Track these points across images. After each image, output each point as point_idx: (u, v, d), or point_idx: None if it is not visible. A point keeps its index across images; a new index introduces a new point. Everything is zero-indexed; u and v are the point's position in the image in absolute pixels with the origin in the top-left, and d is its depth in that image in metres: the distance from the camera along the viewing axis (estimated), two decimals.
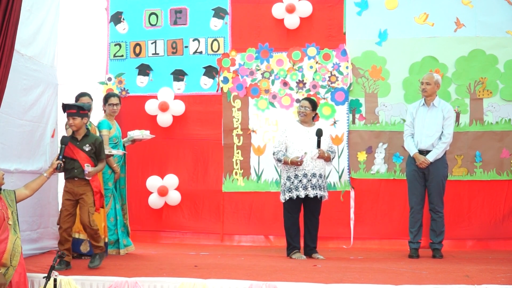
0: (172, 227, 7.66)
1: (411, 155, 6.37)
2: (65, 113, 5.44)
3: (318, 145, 6.08)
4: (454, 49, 7.19)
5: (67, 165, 5.32)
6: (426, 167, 6.27)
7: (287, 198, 6.13)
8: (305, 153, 6.04)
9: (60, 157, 5.11)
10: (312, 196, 6.07)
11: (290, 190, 6.10)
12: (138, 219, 7.58)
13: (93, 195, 5.38)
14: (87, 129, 5.50)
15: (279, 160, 6.16)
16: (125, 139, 6.68)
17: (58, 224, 5.49)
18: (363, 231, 7.27)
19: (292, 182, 6.09)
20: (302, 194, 6.05)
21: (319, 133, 6.08)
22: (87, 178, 5.34)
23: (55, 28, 6.71)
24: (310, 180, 6.08)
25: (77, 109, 5.39)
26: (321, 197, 6.16)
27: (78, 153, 5.36)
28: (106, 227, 6.17)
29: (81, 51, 8.11)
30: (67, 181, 5.41)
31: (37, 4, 6.18)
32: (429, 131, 6.33)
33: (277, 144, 6.24)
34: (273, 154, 6.23)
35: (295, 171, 6.10)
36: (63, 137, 5.32)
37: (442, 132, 6.32)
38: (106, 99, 6.51)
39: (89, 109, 5.53)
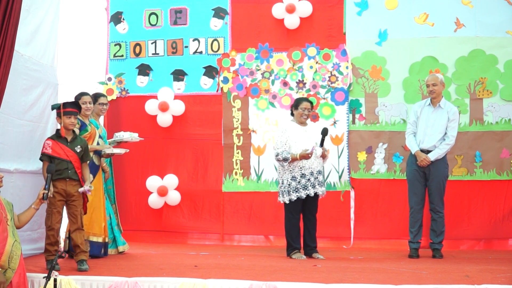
0: (172, 227, 7.65)
1: (413, 152, 6.36)
2: (59, 111, 5.31)
3: (322, 144, 6.10)
4: (454, 49, 7.20)
5: (58, 166, 5.25)
6: (427, 166, 6.27)
7: (294, 199, 6.08)
8: (316, 143, 6.06)
9: (47, 186, 4.92)
10: (320, 193, 6.10)
11: (297, 190, 6.06)
12: (138, 219, 7.58)
13: (82, 197, 5.36)
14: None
15: (285, 159, 6.03)
16: (110, 140, 6.60)
17: (49, 225, 5.31)
18: (363, 231, 7.26)
19: (299, 182, 6.06)
20: (311, 192, 6.05)
21: (324, 132, 6.11)
22: (87, 193, 5.36)
23: (54, 28, 6.71)
24: (317, 177, 6.10)
25: (78, 108, 5.39)
26: (318, 195, 6.16)
27: (70, 153, 5.32)
28: (106, 227, 6.17)
29: (81, 51, 8.11)
30: (58, 182, 5.29)
31: (35, 4, 6.18)
32: (432, 131, 6.32)
33: (280, 145, 6.13)
34: (277, 155, 6.10)
35: (300, 170, 6.07)
36: (49, 165, 5.07)
37: (446, 133, 6.32)
38: (95, 98, 6.46)
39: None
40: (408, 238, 6.43)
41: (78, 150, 5.36)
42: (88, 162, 5.52)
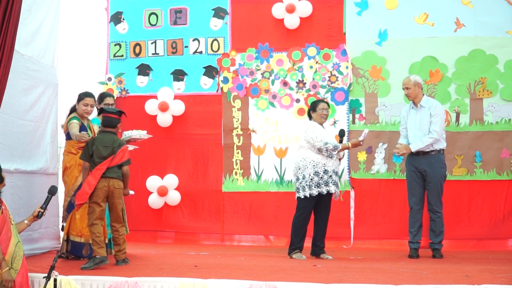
0: (172, 227, 7.66)
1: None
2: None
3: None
4: (454, 49, 7.20)
5: None
6: (424, 167, 6.20)
7: (315, 194, 6.01)
8: (366, 129, 6.21)
9: (44, 206, 4.84)
10: (334, 192, 6.09)
11: (318, 185, 6.02)
12: (138, 219, 7.58)
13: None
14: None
15: (335, 148, 6.01)
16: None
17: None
18: (363, 231, 7.26)
19: (321, 178, 6.02)
20: (332, 189, 6.03)
21: (342, 133, 6.23)
22: None
23: (55, 28, 6.71)
24: (335, 176, 6.10)
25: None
26: (333, 193, 6.14)
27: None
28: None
29: (81, 51, 8.13)
30: None
31: (36, 4, 6.18)
32: (420, 132, 6.24)
33: (320, 137, 6.02)
34: (326, 144, 5.97)
35: (324, 166, 6.04)
36: (52, 186, 5.00)
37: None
38: (101, 98, 6.43)
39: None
40: (408, 238, 6.42)
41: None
42: (84, 161, 5.47)
